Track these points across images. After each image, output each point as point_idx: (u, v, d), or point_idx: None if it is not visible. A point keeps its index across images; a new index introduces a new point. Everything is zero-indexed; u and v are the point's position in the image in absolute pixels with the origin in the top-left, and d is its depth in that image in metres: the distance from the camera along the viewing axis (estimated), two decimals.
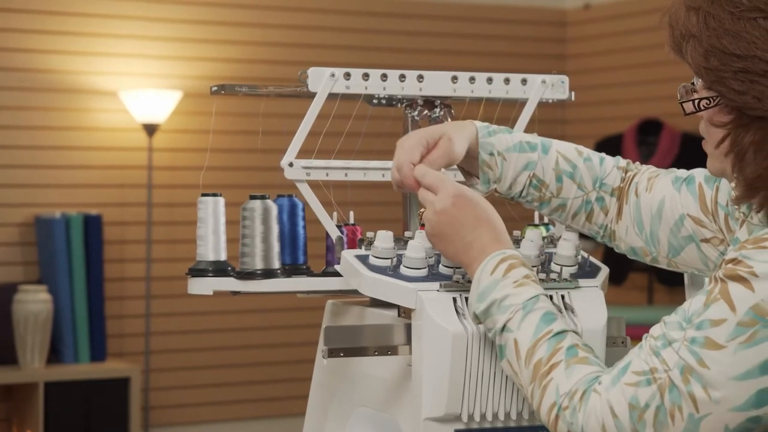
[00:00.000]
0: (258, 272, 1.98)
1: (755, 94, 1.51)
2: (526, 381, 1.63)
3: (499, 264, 1.70)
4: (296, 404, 5.63)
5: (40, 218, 5.27)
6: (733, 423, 1.48)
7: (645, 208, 1.88)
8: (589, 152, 1.93)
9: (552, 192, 1.89)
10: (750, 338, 1.46)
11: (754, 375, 1.46)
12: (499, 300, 1.67)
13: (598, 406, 1.54)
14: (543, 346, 1.62)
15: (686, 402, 1.48)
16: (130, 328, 5.54)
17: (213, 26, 5.66)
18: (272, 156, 2.32)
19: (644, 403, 1.51)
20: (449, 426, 1.83)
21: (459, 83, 2.09)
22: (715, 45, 1.53)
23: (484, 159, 1.87)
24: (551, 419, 1.58)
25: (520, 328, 1.64)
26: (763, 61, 1.51)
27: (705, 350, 1.48)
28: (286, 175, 2.01)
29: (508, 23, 6.29)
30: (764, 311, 1.46)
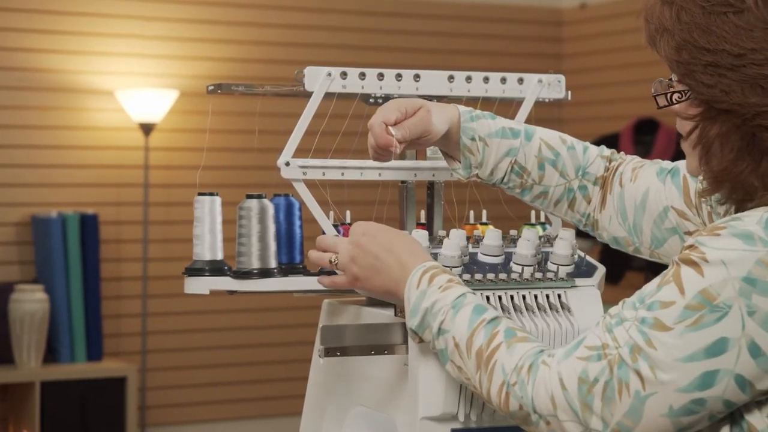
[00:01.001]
0: (254, 271, 1.98)
1: (723, 88, 1.53)
2: (472, 371, 1.64)
3: (422, 276, 1.72)
4: (293, 403, 5.63)
5: (37, 217, 5.27)
6: (677, 404, 1.50)
7: (629, 199, 1.89)
8: (573, 140, 1.95)
9: (534, 179, 1.91)
10: (696, 322, 1.48)
11: (699, 358, 1.48)
12: (430, 307, 1.70)
13: (548, 377, 1.56)
14: (480, 334, 1.64)
15: (634, 379, 1.50)
16: (127, 328, 5.54)
17: (209, 25, 5.66)
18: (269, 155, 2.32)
19: (593, 377, 1.52)
20: (446, 425, 1.83)
21: (455, 82, 2.09)
22: (686, 39, 1.55)
23: (465, 144, 1.88)
24: (502, 399, 1.60)
25: (454, 324, 1.67)
26: (731, 55, 1.53)
27: (653, 331, 1.50)
28: (283, 174, 2.01)
29: (505, 22, 6.29)
30: (711, 296, 1.48)
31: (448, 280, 1.71)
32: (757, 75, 1.52)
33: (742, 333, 1.47)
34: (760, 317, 1.47)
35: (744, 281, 1.47)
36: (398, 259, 1.77)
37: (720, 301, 1.48)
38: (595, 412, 1.52)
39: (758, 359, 1.48)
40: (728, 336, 1.47)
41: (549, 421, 1.56)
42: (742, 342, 1.47)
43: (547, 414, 1.56)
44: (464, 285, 1.72)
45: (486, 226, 2.10)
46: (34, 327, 5.05)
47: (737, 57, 1.52)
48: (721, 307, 1.47)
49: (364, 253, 1.80)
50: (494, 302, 1.88)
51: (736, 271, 1.48)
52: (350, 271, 1.82)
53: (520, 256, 1.92)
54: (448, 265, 1.88)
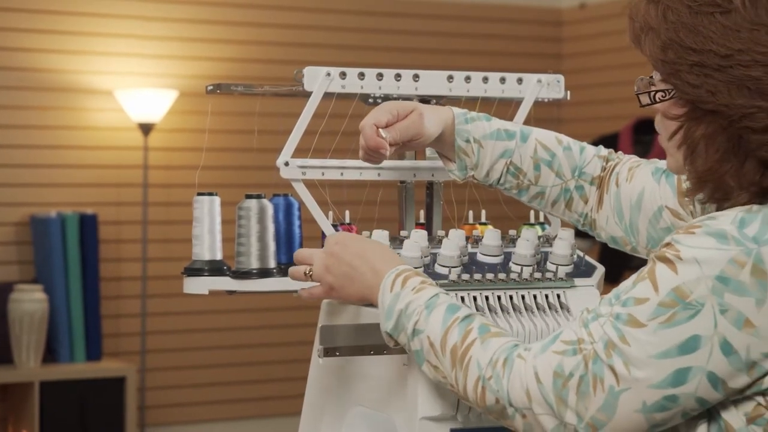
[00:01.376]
0: (254, 271, 1.98)
1: (709, 88, 1.53)
2: (448, 369, 1.65)
3: (395, 279, 1.73)
4: (292, 403, 5.63)
5: (36, 217, 5.27)
6: (650, 400, 1.50)
7: (625, 199, 1.90)
8: (569, 141, 1.95)
9: (530, 180, 1.92)
10: (669, 319, 1.49)
11: (672, 355, 1.49)
12: (404, 309, 1.70)
13: (523, 371, 1.56)
14: (454, 331, 1.64)
15: (608, 374, 1.51)
16: (126, 328, 5.54)
17: (209, 25, 5.66)
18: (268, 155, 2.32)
19: (569, 371, 1.53)
20: (445, 425, 1.83)
21: (455, 82, 2.09)
22: (672, 38, 1.55)
23: (460, 145, 1.90)
24: (478, 394, 1.60)
25: (428, 324, 1.67)
26: (717, 55, 1.52)
27: (627, 327, 1.51)
28: (282, 174, 2.01)
29: (504, 22, 6.29)
30: (685, 294, 1.49)
31: (421, 281, 1.72)
32: (743, 76, 1.51)
33: (714, 331, 1.48)
34: (732, 316, 1.48)
35: (717, 280, 1.48)
36: (371, 266, 1.77)
37: (693, 299, 1.48)
38: (570, 406, 1.53)
39: (730, 357, 1.48)
40: (701, 334, 1.48)
41: (525, 414, 1.56)
42: (715, 340, 1.48)
43: (522, 407, 1.56)
44: (437, 286, 1.73)
45: (485, 226, 2.10)
46: (34, 327, 5.04)
47: (724, 58, 1.52)
48: (693, 305, 1.48)
49: (338, 263, 1.80)
50: (493, 302, 1.88)
51: (709, 269, 1.48)
52: (325, 281, 1.82)
53: (520, 256, 1.92)
54: (447, 265, 1.88)
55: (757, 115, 1.51)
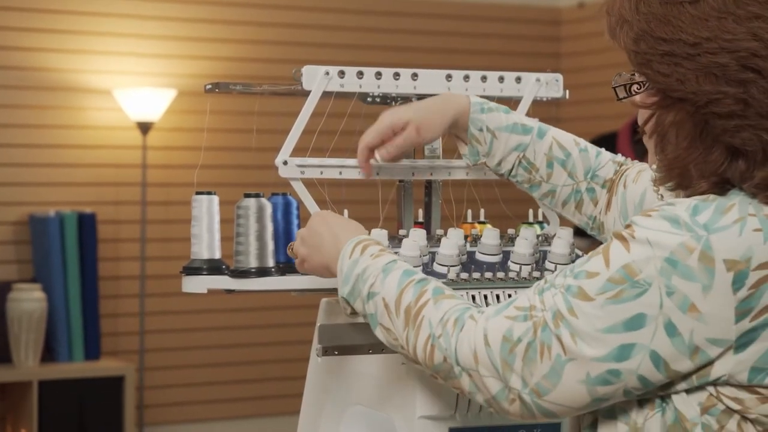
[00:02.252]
0: (252, 270, 1.98)
1: (678, 77, 1.56)
2: (400, 330, 1.65)
3: (355, 247, 1.75)
4: (291, 403, 5.63)
5: (35, 216, 5.27)
6: (594, 372, 1.52)
7: (630, 200, 1.92)
8: (587, 144, 1.99)
9: (542, 176, 1.96)
10: (617, 295, 1.51)
11: (618, 330, 1.51)
12: (361, 273, 1.71)
13: (473, 332, 1.58)
14: (409, 292, 1.65)
15: (555, 343, 1.53)
16: (125, 327, 5.54)
17: (207, 24, 5.66)
18: (267, 154, 2.32)
19: (517, 337, 1.55)
20: (443, 424, 1.83)
21: (453, 81, 2.09)
22: (644, 29, 1.58)
23: (472, 133, 1.95)
24: (427, 353, 1.61)
25: (384, 286, 1.68)
26: (687, 44, 1.55)
27: (576, 300, 1.52)
28: (281, 173, 2.01)
29: (503, 21, 6.29)
30: (634, 272, 1.50)
31: (380, 249, 1.74)
32: (710, 63, 1.54)
33: (659, 311, 1.50)
34: (678, 298, 1.50)
35: (666, 261, 1.50)
36: (334, 235, 1.79)
37: (641, 278, 1.50)
38: (515, 371, 1.55)
39: (673, 339, 1.50)
40: (646, 312, 1.50)
41: (471, 374, 1.58)
42: (659, 320, 1.50)
43: (468, 368, 1.57)
44: (395, 255, 1.74)
45: (484, 225, 2.10)
46: (32, 326, 5.04)
47: (692, 46, 1.55)
48: (641, 283, 1.50)
49: (310, 234, 1.83)
50: (492, 301, 1.89)
51: (660, 251, 1.50)
52: (300, 253, 1.85)
53: (518, 255, 1.92)
54: (446, 264, 1.88)
55: (723, 101, 1.54)
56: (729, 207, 1.53)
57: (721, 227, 1.51)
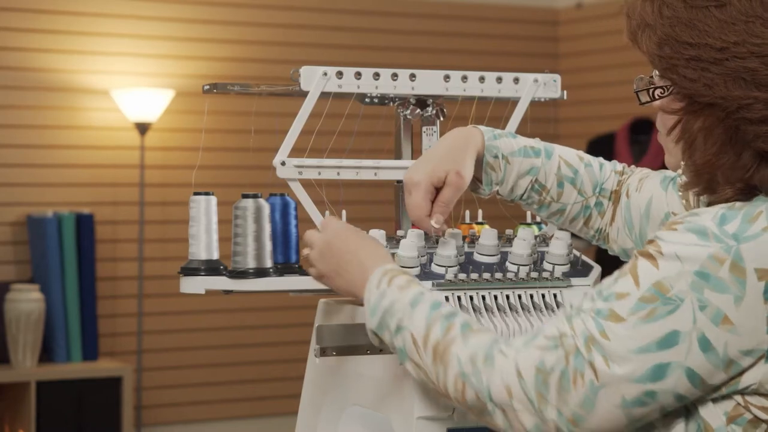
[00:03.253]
0: (250, 271, 1.98)
1: (706, 82, 1.54)
2: (429, 366, 1.64)
3: (381, 277, 1.72)
4: (289, 403, 5.63)
5: (32, 217, 5.26)
6: (629, 395, 1.51)
7: (634, 209, 1.90)
8: (589, 157, 1.95)
9: (552, 197, 1.91)
10: (649, 314, 1.50)
11: (652, 350, 1.49)
12: (388, 307, 1.69)
13: (505, 367, 1.56)
14: (436, 328, 1.64)
15: (588, 369, 1.51)
16: (123, 327, 5.54)
17: (205, 25, 5.66)
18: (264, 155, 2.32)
19: (550, 366, 1.53)
20: (441, 425, 1.83)
21: (451, 82, 2.09)
22: (668, 33, 1.57)
23: (488, 161, 1.88)
24: (459, 390, 1.60)
25: (412, 321, 1.66)
26: (714, 48, 1.54)
27: (608, 322, 1.51)
28: (279, 173, 2.01)
29: (501, 22, 6.29)
30: (665, 288, 1.49)
31: (407, 280, 1.71)
32: (739, 68, 1.53)
33: (693, 326, 1.49)
34: (710, 312, 1.48)
35: (696, 275, 1.49)
36: (360, 262, 1.76)
37: (673, 294, 1.49)
38: (550, 402, 1.53)
39: (708, 354, 1.49)
40: (679, 329, 1.49)
41: (505, 410, 1.56)
42: (693, 336, 1.49)
43: (502, 403, 1.56)
44: (423, 285, 1.72)
45: (482, 225, 2.10)
46: (30, 326, 5.04)
47: (720, 51, 1.53)
48: (673, 299, 1.49)
49: (331, 254, 1.80)
50: (490, 302, 1.88)
51: (690, 265, 1.49)
52: (318, 267, 1.83)
53: (516, 256, 1.92)
54: (444, 265, 1.88)
55: (754, 105, 1.53)
56: (757, 215, 1.51)
57: (750, 236, 1.49)
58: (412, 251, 1.88)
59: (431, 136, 2.12)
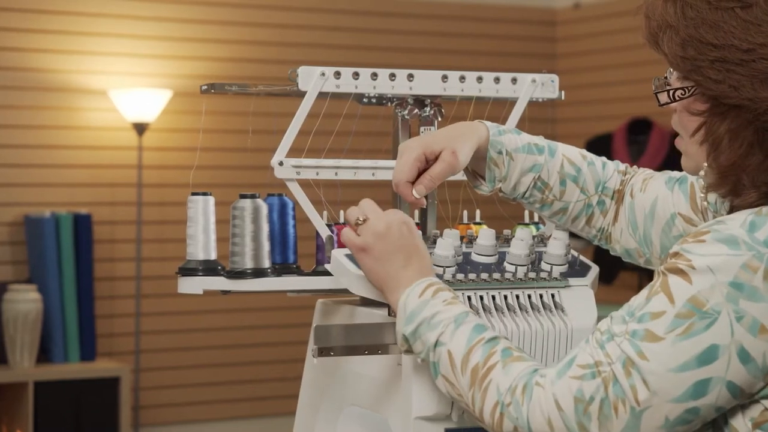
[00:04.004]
0: (248, 271, 1.98)
1: (732, 83, 1.53)
2: (465, 388, 1.63)
3: (426, 288, 1.71)
4: (286, 403, 5.63)
5: (30, 217, 5.26)
6: (672, 414, 1.49)
7: (639, 209, 1.89)
8: (592, 157, 1.94)
9: (555, 195, 1.90)
10: (687, 330, 1.48)
11: (692, 367, 1.48)
12: (429, 318, 1.68)
13: (543, 399, 1.55)
14: (477, 351, 1.62)
15: (628, 395, 1.50)
16: (120, 328, 5.54)
17: (203, 25, 5.66)
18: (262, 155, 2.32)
19: (589, 396, 1.52)
20: (439, 425, 1.83)
21: (449, 82, 2.09)
22: (692, 35, 1.55)
23: (492, 156, 1.86)
24: (495, 419, 1.59)
25: (453, 339, 1.65)
26: (739, 50, 1.53)
27: (645, 343, 1.50)
28: (276, 174, 2.01)
29: (498, 22, 6.29)
30: (701, 303, 1.48)
31: (453, 296, 1.70)
32: (767, 69, 1.52)
33: (731, 339, 1.48)
34: (747, 322, 1.47)
35: (731, 286, 1.47)
36: (410, 264, 1.74)
37: (709, 308, 1.48)
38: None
39: (748, 365, 1.48)
40: (718, 343, 1.48)
41: None
42: (732, 348, 1.48)
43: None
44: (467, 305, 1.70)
45: (480, 225, 2.10)
46: (28, 327, 5.04)
47: (746, 52, 1.52)
48: (710, 313, 1.48)
49: (388, 237, 1.75)
50: (488, 302, 1.88)
51: (723, 276, 1.48)
52: (367, 241, 1.77)
53: (514, 256, 1.92)
54: (441, 265, 1.87)
55: None
56: None
57: None
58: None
59: None
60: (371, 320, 1.93)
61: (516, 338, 1.86)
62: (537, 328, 1.86)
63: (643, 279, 5.79)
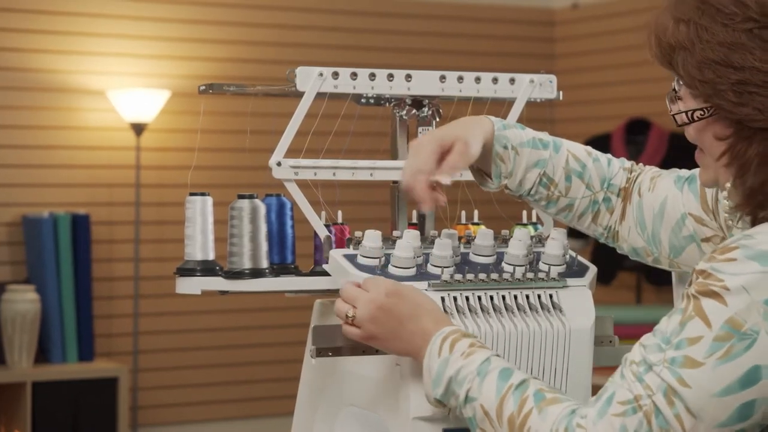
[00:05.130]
0: (246, 272, 1.98)
1: (756, 106, 1.50)
2: None
3: (442, 344, 1.69)
4: (285, 404, 5.62)
5: (28, 218, 5.26)
6: None
7: (647, 208, 1.87)
8: (597, 153, 1.92)
9: (560, 191, 1.88)
10: (727, 353, 1.46)
11: (735, 390, 1.47)
12: (454, 375, 1.66)
13: None
14: (509, 400, 1.60)
15: (673, 425, 1.48)
16: (119, 328, 5.54)
17: (201, 25, 5.66)
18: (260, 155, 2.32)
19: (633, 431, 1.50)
20: (437, 425, 1.83)
21: (447, 83, 2.09)
22: (709, 57, 1.52)
23: (497, 151, 1.85)
24: None
25: (482, 392, 1.63)
26: (761, 72, 1.49)
27: (685, 369, 1.48)
28: (274, 174, 2.01)
29: (497, 23, 6.29)
30: (738, 324, 1.46)
31: (469, 344, 1.68)
32: None
33: None
34: None
35: (767, 304, 1.46)
36: (422, 327, 1.72)
37: (747, 328, 1.46)
38: None
39: None
40: (760, 363, 1.46)
41: None
42: None
43: None
44: (486, 347, 1.69)
45: (478, 226, 2.10)
46: (26, 327, 5.04)
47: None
48: (749, 334, 1.46)
49: (387, 317, 1.74)
50: (486, 302, 1.88)
51: (759, 294, 1.46)
52: (368, 329, 1.76)
53: (512, 256, 1.92)
54: (439, 265, 1.87)
55: None
56: None
57: None
58: (407, 252, 1.88)
59: None
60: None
61: (514, 339, 1.86)
62: (535, 328, 1.86)
63: (641, 279, 5.79)
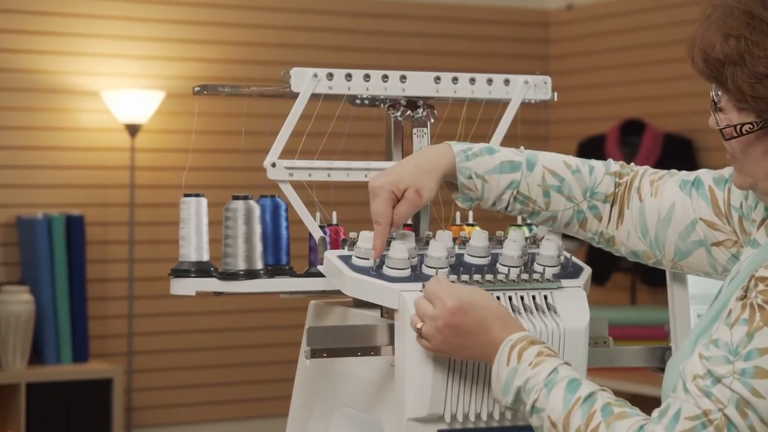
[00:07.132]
0: (241, 273, 1.98)
1: None
2: None
3: (510, 352, 1.69)
4: (279, 405, 5.62)
5: (22, 219, 5.26)
6: None
7: (650, 213, 1.86)
8: (578, 163, 1.91)
9: (540, 206, 1.89)
10: None
11: None
12: (522, 385, 1.67)
13: None
14: (577, 414, 1.60)
15: None
16: (113, 329, 5.53)
17: (196, 26, 5.66)
18: (255, 156, 2.32)
19: None
20: (432, 426, 1.83)
21: (442, 84, 2.09)
22: (760, 72, 1.52)
23: (462, 182, 1.86)
24: None
25: (548, 403, 1.63)
26: None
27: (757, 380, 1.48)
28: (269, 175, 2.01)
29: (491, 24, 6.29)
30: None
31: (536, 354, 1.68)
32: None
33: None
34: None
35: None
36: (492, 338, 1.72)
37: None
38: None
39: None
40: None
41: None
42: None
43: None
44: (555, 355, 1.69)
45: (472, 227, 2.10)
46: (20, 328, 5.03)
47: None
48: None
49: (454, 334, 1.73)
50: None
51: None
52: (436, 345, 1.76)
53: (507, 257, 1.92)
54: (434, 266, 1.87)
55: None
56: None
57: None
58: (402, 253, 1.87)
59: (422, 137, 2.12)
60: (364, 321, 1.93)
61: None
62: (530, 329, 1.86)
63: (635, 280, 5.79)
